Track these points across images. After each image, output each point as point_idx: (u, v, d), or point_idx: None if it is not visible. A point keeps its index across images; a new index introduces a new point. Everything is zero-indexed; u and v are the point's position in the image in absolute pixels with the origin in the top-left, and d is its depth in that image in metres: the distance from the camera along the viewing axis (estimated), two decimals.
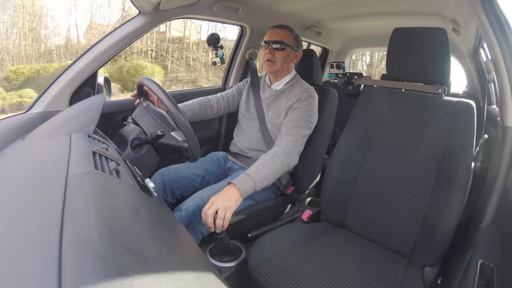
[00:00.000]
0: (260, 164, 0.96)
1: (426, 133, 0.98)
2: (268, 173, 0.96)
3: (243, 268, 0.94)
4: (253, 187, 0.92)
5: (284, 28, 1.20)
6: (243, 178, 0.92)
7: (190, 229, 0.98)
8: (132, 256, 0.31)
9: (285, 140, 1.06)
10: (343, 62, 2.41)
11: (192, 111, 1.23)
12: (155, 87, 0.91)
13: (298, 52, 1.24)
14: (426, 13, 1.45)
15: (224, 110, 1.33)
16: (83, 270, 0.26)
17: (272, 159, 0.98)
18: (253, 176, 0.92)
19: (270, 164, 0.97)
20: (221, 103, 1.32)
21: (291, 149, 1.05)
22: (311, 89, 1.20)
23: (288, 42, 1.18)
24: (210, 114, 1.30)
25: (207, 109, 1.28)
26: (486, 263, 0.62)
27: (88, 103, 0.82)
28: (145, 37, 8.63)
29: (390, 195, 1.01)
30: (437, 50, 0.93)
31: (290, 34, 1.20)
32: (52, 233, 0.32)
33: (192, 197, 1.02)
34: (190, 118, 1.22)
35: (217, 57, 1.51)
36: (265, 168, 0.96)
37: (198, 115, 1.26)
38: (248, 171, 0.94)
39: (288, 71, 1.25)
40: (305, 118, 1.12)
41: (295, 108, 1.15)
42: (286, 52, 1.18)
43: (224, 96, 1.34)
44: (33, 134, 0.72)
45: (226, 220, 0.84)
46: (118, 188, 0.46)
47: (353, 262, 0.89)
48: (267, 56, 1.19)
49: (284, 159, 1.01)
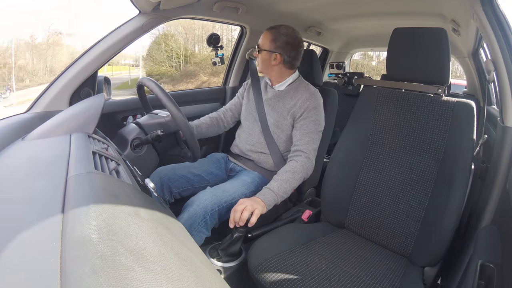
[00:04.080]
0: (282, 181, 1.03)
1: (426, 133, 0.98)
2: (288, 189, 1.04)
3: (243, 268, 0.94)
4: (276, 201, 1.00)
5: (269, 29, 1.19)
6: (268, 193, 0.99)
7: (202, 223, 0.99)
8: (132, 256, 0.31)
9: (302, 156, 1.11)
10: (343, 62, 2.41)
11: (206, 125, 1.30)
12: (155, 87, 0.91)
13: (276, 54, 1.16)
14: (426, 13, 1.45)
15: (232, 120, 1.38)
16: (83, 270, 0.26)
17: (293, 176, 1.05)
18: (276, 192, 1.00)
19: (291, 180, 1.05)
20: (228, 114, 1.36)
21: (308, 164, 1.11)
22: (316, 92, 1.20)
23: (263, 46, 1.18)
24: (222, 127, 1.36)
25: (218, 121, 1.34)
26: (486, 263, 0.62)
27: (88, 103, 0.82)
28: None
29: (390, 195, 1.01)
30: (437, 50, 0.93)
31: (269, 36, 1.17)
32: (52, 233, 0.32)
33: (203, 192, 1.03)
34: (205, 132, 1.30)
35: (217, 57, 1.51)
36: (286, 184, 1.03)
37: (212, 128, 1.32)
38: (272, 186, 1.01)
39: (282, 73, 1.22)
40: (315, 129, 1.16)
41: (304, 118, 1.16)
42: (262, 55, 1.20)
43: (228, 107, 1.38)
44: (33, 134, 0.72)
45: (254, 216, 0.91)
46: (118, 188, 0.46)
47: (353, 262, 0.89)
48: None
49: (302, 175, 1.09)
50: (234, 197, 1.05)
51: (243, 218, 0.89)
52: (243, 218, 0.89)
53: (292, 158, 1.11)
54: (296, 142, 1.15)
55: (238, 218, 0.89)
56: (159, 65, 16.83)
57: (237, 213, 0.89)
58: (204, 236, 1.00)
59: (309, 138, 1.14)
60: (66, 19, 22.61)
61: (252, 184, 1.15)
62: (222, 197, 1.02)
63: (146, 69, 16.88)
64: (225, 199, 1.02)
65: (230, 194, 1.05)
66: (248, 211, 0.89)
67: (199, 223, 0.97)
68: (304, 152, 1.12)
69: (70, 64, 1.05)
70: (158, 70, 16.70)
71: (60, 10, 22.89)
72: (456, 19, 1.34)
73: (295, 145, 1.15)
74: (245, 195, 1.09)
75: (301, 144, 1.13)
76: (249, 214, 0.90)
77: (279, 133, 1.21)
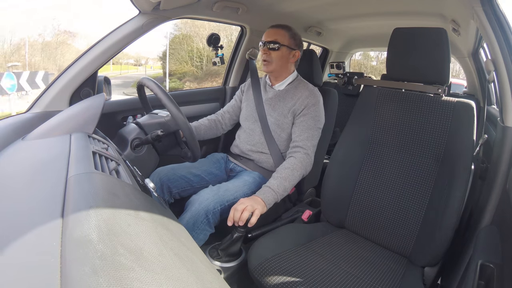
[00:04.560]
0: (282, 178, 1.02)
1: (426, 133, 0.98)
2: (288, 186, 1.03)
3: (243, 268, 0.94)
4: (276, 199, 1.00)
5: (280, 28, 1.20)
6: (268, 192, 0.98)
7: (205, 221, 0.99)
8: (132, 256, 0.31)
9: (301, 153, 1.11)
10: (343, 62, 2.41)
11: (205, 127, 1.30)
12: (155, 87, 0.91)
13: (296, 51, 1.22)
14: (426, 13, 1.45)
15: (230, 122, 1.38)
16: (83, 270, 0.26)
17: (292, 173, 1.05)
18: (276, 190, 1.00)
19: (290, 177, 1.04)
20: (226, 117, 1.37)
21: (307, 160, 1.11)
22: (315, 90, 1.21)
23: (283, 41, 1.18)
24: (221, 129, 1.37)
25: (217, 123, 1.34)
26: (486, 263, 0.62)
27: (88, 103, 0.82)
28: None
29: (390, 195, 1.01)
30: (437, 50, 0.93)
31: (286, 33, 1.19)
32: (52, 233, 0.32)
33: (205, 191, 1.03)
34: (204, 135, 1.30)
35: (217, 57, 1.51)
36: (286, 181, 1.03)
37: (210, 130, 1.32)
38: (272, 184, 1.00)
39: (288, 72, 1.25)
40: (315, 126, 1.16)
41: (304, 114, 1.16)
42: (281, 51, 1.19)
43: (226, 109, 1.39)
44: (33, 134, 0.72)
45: (254, 216, 0.91)
46: (118, 188, 0.46)
47: (353, 262, 0.89)
48: (263, 57, 1.21)
49: (302, 172, 1.09)
50: (235, 197, 1.05)
51: (243, 218, 0.89)
52: (243, 218, 0.89)
53: (291, 155, 1.11)
54: (295, 138, 1.15)
55: (238, 218, 0.89)
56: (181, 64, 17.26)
57: (237, 212, 0.89)
58: (208, 233, 1.00)
59: (308, 134, 1.14)
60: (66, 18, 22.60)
61: (254, 184, 1.15)
62: (224, 196, 1.02)
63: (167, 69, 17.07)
64: (227, 198, 1.03)
65: (232, 194, 1.05)
66: (248, 212, 0.89)
67: (201, 221, 0.97)
68: (303, 148, 1.12)
69: (70, 64, 1.05)
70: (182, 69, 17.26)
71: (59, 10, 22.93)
72: (456, 19, 1.34)
73: (294, 141, 1.15)
74: (246, 194, 1.09)
75: (300, 140, 1.13)
76: (249, 214, 0.89)
77: (280, 132, 1.21)
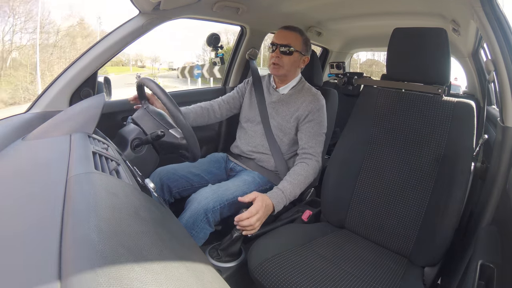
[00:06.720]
0: (295, 184, 1.04)
1: (426, 133, 0.98)
2: (298, 193, 1.06)
3: (243, 268, 0.94)
4: (285, 203, 1.02)
5: (294, 31, 1.17)
6: (280, 198, 1.00)
7: (205, 220, 0.99)
8: (132, 256, 0.31)
9: (313, 160, 1.12)
10: (343, 62, 2.41)
11: (194, 113, 1.24)
12: (155, 87, 0.91)
13: (306, 57, 1.21)
14: (426, 13, 1.45)
15: (226, 113, 1.34)
16: (83, 270, 0.26)
17: (304, 180, 1.07)
18: (287, 197, 1.02)
19: (302, 184, 1.06)
20: (223, 106, 1.32)
21: (318, 168, 1.14)
22: (318, 94, 1.21)
23: (296, 46, 1.16)
24: (213, 118, 1.31)
25: (209, 112, 1.29)
26: (486, 263, 0.62)
27: (88, 103, 0.82)
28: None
29: (390, 195, 1.01)
30: (437, 50, 0.93)
31: (300, 37, 1.17)
32: (52, 233, 0.32)
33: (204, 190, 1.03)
34: (193, 121, 1.24)
35: (217, 57, 1.51)
36: (297, 188, 1.05)
37: (201, 118, 1.27)
38: (285, 189, 1.02)
39: (294, 75, 1.24)
40: (320, 131, 1.17)
41: (309, 120, 1.16)
42: (294, 57, 1.17)
43: (225, 99, 1.34)
44: (33, 134, 0.72)
45: (256, 229, 0.93)
46: (118, 188, 0.46)
47: (353, 262, 0.89)
48: (273, 60, 1.17)
49: (311, 180, 1.11)
50: (235, 196, 1.04)
51: (255, 227, 0.91)
52: (255, 227, 0.91)
53: (303, 161, 1.12)
54: (304, 145, 1.15)
55: (251, 228, 0.91)
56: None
57: (252, 222, 0.90)
58: (208, 232, 1.00)
59: (316, 140, 1.15)
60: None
61: (253, 183, 1.15)
62: (224, 195, 1.02)
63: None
64: (226, 197, 1.03)
65: (231, 193, 1.05)
66: (261, 223, 0.93)
67: (201, 220, 0.97)
68: (314, 155, 1.13)
69: (70, 64, 1.05)
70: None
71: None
72: (456, 19, 1.34)
73: (303, 148, 1.15)
74: (246, 193, 1.09)
75: (309, 147, 1.14)
76: (253, 229, 0.92)
77: (282, 136, 1.21)
